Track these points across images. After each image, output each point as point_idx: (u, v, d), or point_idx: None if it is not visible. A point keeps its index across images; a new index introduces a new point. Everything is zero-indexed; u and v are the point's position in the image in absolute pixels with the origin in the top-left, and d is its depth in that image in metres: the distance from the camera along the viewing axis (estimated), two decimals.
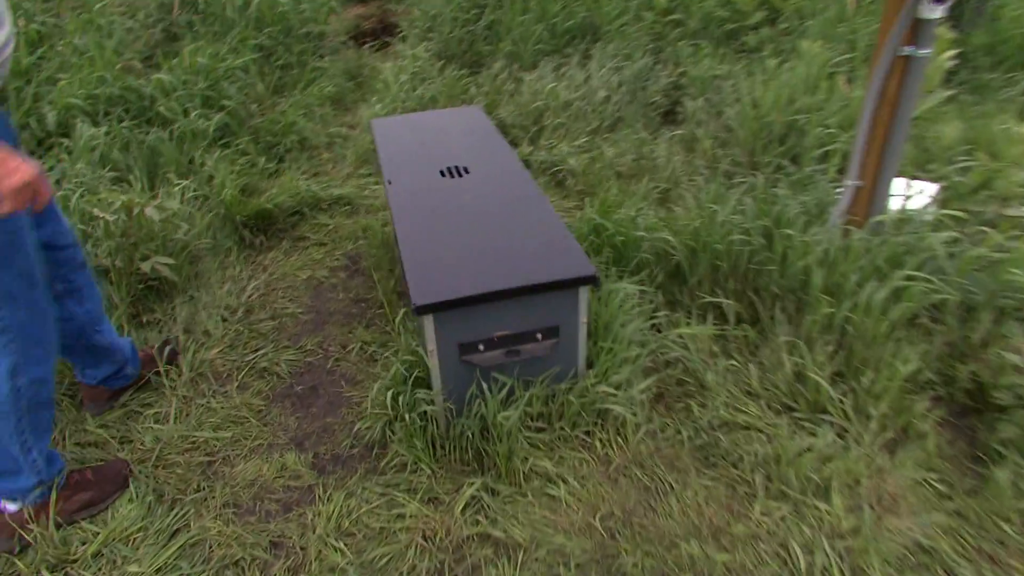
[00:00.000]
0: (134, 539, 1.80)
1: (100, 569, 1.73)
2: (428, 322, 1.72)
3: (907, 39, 2.01)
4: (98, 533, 1.81)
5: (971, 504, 1.75)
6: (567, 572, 1.65)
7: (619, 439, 1.97)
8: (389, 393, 1.98)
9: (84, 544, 1.79)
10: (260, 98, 4.11)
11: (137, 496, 1.90)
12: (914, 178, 2.65)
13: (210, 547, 1.78)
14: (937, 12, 1.94)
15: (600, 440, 1.97)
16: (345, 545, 1.75)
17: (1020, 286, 2.06)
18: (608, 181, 3.17)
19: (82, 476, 1.88)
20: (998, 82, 3.66)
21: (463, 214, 2.03)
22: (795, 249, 2.17)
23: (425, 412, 1.89)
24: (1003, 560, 1.63)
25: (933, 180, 2.72)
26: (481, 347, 1.80)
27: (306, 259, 2.98)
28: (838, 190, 2.46)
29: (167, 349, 2.36)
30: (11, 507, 1.78)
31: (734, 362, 2.16)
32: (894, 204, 2.32)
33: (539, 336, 1.83)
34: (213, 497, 1.92)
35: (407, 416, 1.90)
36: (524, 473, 1.86)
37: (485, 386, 1.86)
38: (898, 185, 2.36)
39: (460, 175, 2.27)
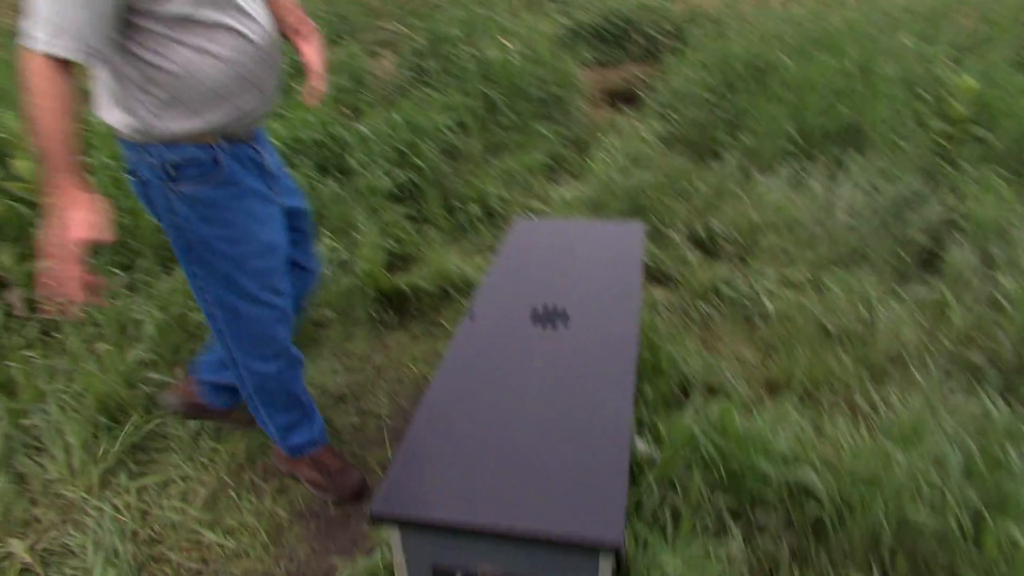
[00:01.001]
0: None
1: None
2: (394, 535, 1.30)
3: None
4: None
5: None
6: None
7: None
8: None
9: None
10: (471, 156, 3.99)
11: None
12: None
13: None
14: None
15: None
16: None
17: None
18: (807, 339, 2.44)
19: (331, 461, 2.03)
20: None
21: (518, 389, 1.58)
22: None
23: None
24: None
25: None
26: None
27: (429, 350, 2.70)
28: None
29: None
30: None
31: None
32: None
33: None
34: None
35: None
36: None
37: None
38: None
39: (554, 324, 1.81)
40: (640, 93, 5.13)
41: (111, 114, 1.48)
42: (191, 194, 1.51)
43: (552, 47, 5.08)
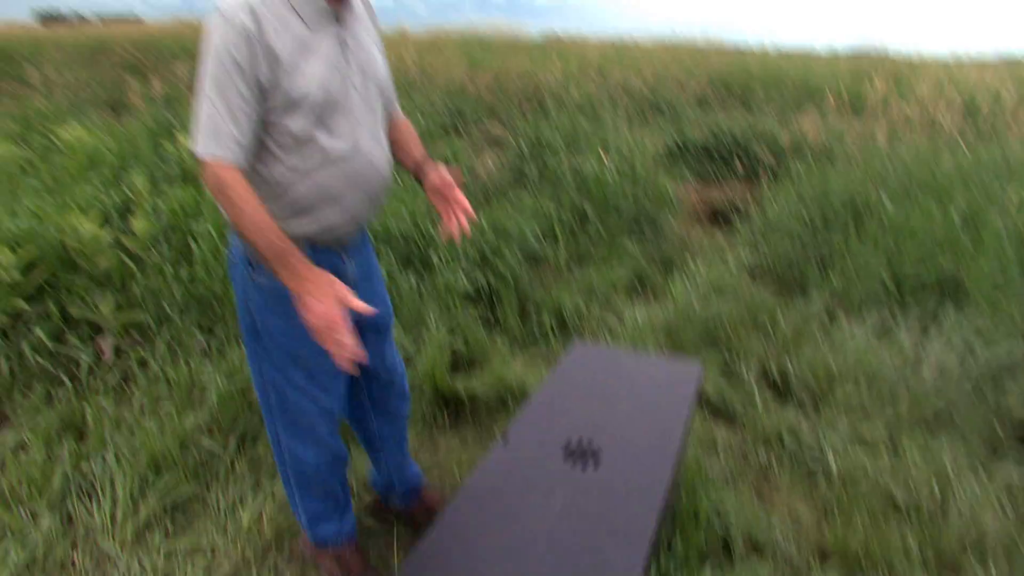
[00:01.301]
0: None
1: None
2: None
3: None
4: None
5: None
6: None
7: None
8: None
9: None
10: (555, 265, 4.04)
11: None
12: None
13: None
14: None
15: None
16: None
17: None
18: (870, 507, 2.25)
19: (354, 561, 2.03)
20: None
21: (531, 528, 1.52)
22: None
23: None
24: None
25: None
26: None
27: (477, 457, 2.67)
28: None
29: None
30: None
31: None
32: None
33: None
34: None
35: None
36: None
37: None
38: None
39: (584, 462, 1.75)
40: (739, 213, 5.09)
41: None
42: (265, 285, 1.62)
43: (652, 163, 5.17)
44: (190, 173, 4.14)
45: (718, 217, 5.50)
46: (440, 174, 1.79)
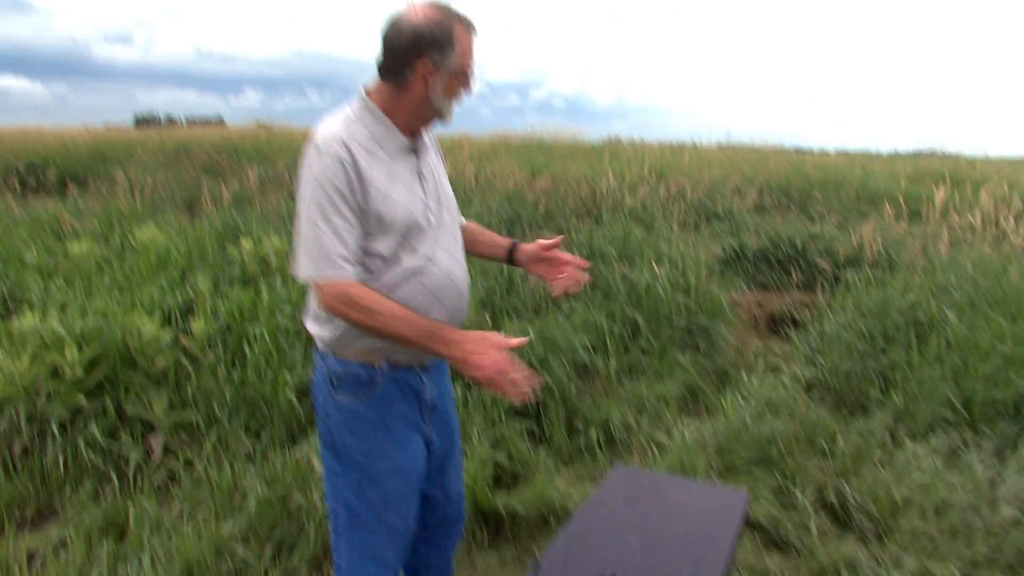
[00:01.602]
0: None
1: None
2: None
3: None
4: None
5: None
6: None
7: None
8: None
9: None
10: (605, 377, 3.98)
11: None
12: None
13: None
14: None
15: None
16: None
17: None
18: None
19: None
20: None
21: None
22: None
23: None
24: None
25: None
26: None
27: None
28: None
29: None
30: None
31: None
32: None
33: None
34: None
35: None
36: None
37: None
38: None
39: None
40: (795, 325, 4.95)
41: (308, 322, 1.73)
42: (345, 404, 1.67)
43: (706, 272, 5.12)
44: (250, 276, 4.30)
45: (776, 327, 5.37)
46: (536, 243, 1.90)
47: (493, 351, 1.49)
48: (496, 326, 3.97)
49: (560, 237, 1.91)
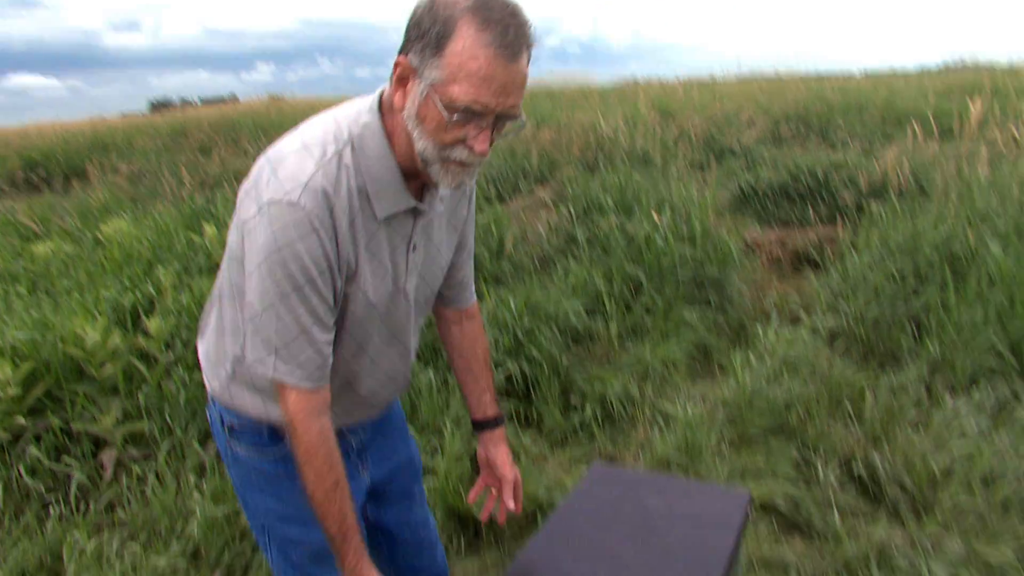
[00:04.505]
0: None
1: None
2: None
3: None
4: None
5: None
6: None
7: None
8: None
9: None
10: (603, 344, 3.62)
11: None
12: None
13: None
14: None
15: None
16: None
17: None
18: None
19: None
20: None
21: None
22: None
23: None
24: None
25: None
26: None
27: None
28: None
29: None
30: None
31: None
32: None
33: None
34: None
35: None
36: None
37: None
38: None
39: None
40: (817, 267, 4.52)
41: (200, 349, 1.37)
42: (245, 458, 1.34)
43: (715, 216, 4.68)
44: (216, 263, 4.00)
45: (801, 265, 4.92)
46: (501, 455, 1.52)
47: None
48: (479, 295, 3.62)
49: (517, 474, 1.55)
